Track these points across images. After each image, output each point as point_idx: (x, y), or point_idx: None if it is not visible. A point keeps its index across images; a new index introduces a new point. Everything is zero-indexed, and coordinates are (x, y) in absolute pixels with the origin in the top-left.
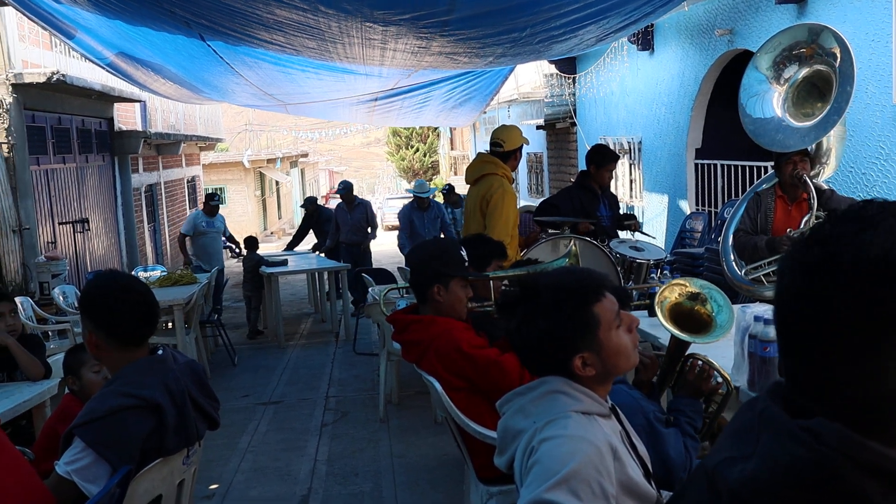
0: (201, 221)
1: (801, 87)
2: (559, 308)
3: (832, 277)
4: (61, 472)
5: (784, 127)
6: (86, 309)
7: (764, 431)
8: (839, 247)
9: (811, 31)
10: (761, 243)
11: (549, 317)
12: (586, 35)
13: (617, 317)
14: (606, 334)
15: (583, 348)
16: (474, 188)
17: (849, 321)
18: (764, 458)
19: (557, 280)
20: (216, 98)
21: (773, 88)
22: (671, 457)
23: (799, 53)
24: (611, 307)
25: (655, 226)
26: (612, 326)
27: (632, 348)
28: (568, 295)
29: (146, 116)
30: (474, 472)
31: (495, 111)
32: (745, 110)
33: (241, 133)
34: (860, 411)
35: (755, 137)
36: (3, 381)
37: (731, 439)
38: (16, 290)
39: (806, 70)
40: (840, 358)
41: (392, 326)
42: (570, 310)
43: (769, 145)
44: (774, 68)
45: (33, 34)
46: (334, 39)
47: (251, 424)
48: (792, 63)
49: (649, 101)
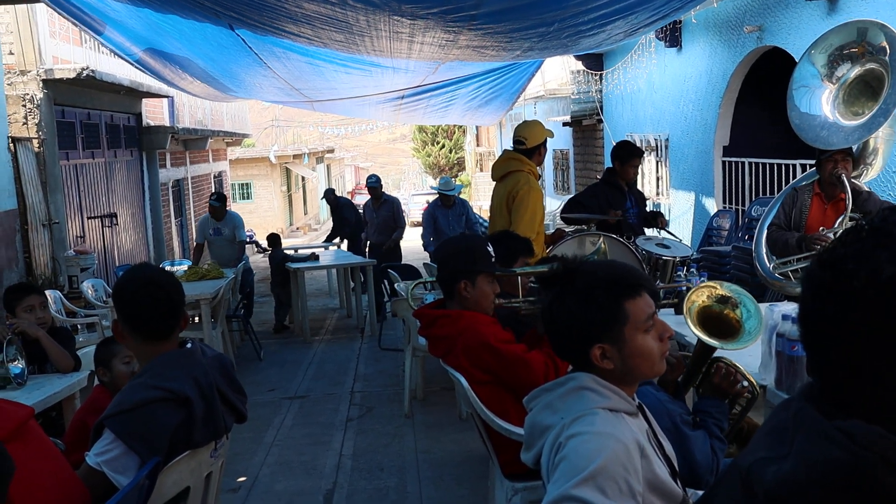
0: (209, 229)
1: (854, 85)
2: (591, 294)
3: (845, 300)
4: (92, 463)
5: (829, 124)
6: (114, 299)
7: (799, 432)
8: (852, 266)
9: (860, 30)
10: (792, 240)
11: (579, 300)
12: (614, 30)
13: (649, 319)
14: (632, 333)
15: (605, 339)
16: (500, 185)
17: (867, 339)
18: (800, 459)
19: (598, 268)
20: (243, 95)
21: (824, 85)
22: (697, 460)
23: (850, 53)
24: (645, 308)
25: (682, 223)
26: (641, 328)
27: (658, 356)
28: (603, 283)
29: (174, 112)
30: (499, 468)
31: (521, 108)
32: (794, 102)
33: (267, 129)
34: (892, 414)
35: (799, 132)
36: (34, 373)
37: (765, 439)
38: (45, 283)
39: (858, 69)
40: (861, 371)
41: (418, 321)
42: (601, 298)
43: (812, 141)
44: (828, 66)
45: (63, 30)
46: (362, 33)
47: (277, 418)
48: (844, 62)
49: (676, 98)
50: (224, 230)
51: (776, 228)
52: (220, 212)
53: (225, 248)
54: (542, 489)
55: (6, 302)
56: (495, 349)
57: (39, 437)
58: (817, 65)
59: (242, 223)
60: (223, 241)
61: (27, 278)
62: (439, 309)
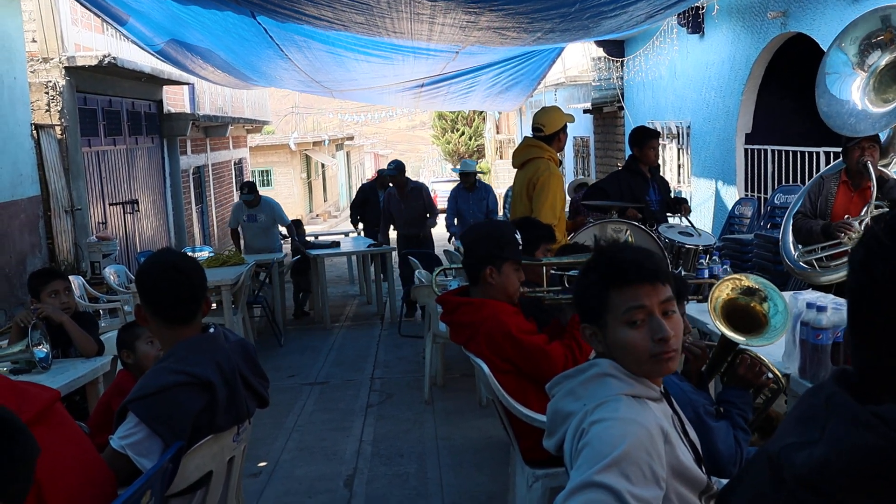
0: (242, 215)
1: (885, 72)
2: (586, 274)
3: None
4: (116, 446)
5: (858, 112)
6: (136, 283)
7: (832, 417)
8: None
9: (882, 18)
10: (817, 227)
11: (580, 277)
12: (636, 11)
13: (630, 312)
14: (613, 324)
15: (591, 321)
16: (521, 172)
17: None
18: (832, 444)
19: (613, 251)
20: (264, 84)
21: (855, 73)
22: (720, 450)
23: (878, 41)
24: (628, 300)
25: (703, 211)
26: (622, 319)
27: (645, 354)
28: (600, 267)
29: (194, 99)
30: (520, 455)
31: (542, 95)
32: (824, 88)
33: (287, 116)
34: None
35: (827, 119)
36: (58, 357)
37: (795, 426)
38: (68, 269)
39: (889, 56)
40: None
41: (440, 308)
42: (591, 280)
43: (840, 128)
44: (859, 54)
45: (85, 18)
46: (383, 14)
47: (297, 404)
48: (874, 50)
49: (698, 85)
50: (259, 216)
51: (802, 217)
52: (254, 202)
53: (259, 234)
54: (564, 476)
55: (31, 287)
56: (516, 339)
57: (65, 420)
58: (849, 53)
59: (280, 207)
60: (258, 227)
61: (50, 264)
62: (463, 296)
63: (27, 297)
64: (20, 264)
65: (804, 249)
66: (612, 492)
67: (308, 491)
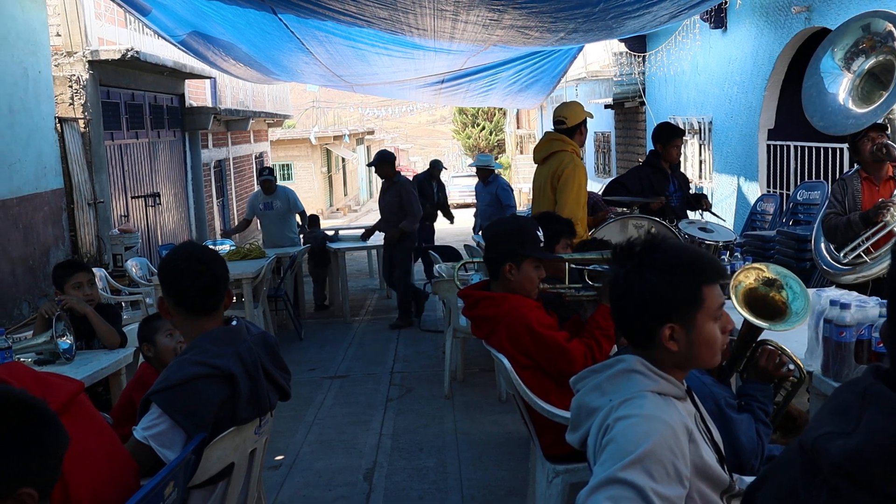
0: (259, 203)
1: (868, 77)
2: (672, 271)
3: None
4: (139, 437)
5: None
6: (159, 275)
7: (869, 408)
8: None
9: (863, 26)
10: (855, 217)
11: (660, 275)
12: (660, 11)
13: (720, 308)
14: (704, 319)
15: (676, 320)
16: (543, 166)
17: None
18: (869, 433)
19: (683, 248)
20: (285, 78)
21: (843, 74)
22: (742, 442)
23: (863, 48)
24: (718, 298)
25: (725, 207)
26: (713, 315)
27: (719, 346)
28: (686, 264)
29: (216, 93)
30: (541, 450)
31: (563, 90)
32: (817, 89)
33: (308, 110)
34: None
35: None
36: (81, 349)
37: (829, 417)
38: (90, 261)
39: (871, 61)
40: None
41: (462, 302)
42: (682, 278)
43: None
44: (844, 60)
45: (109, 12)
46: (406, 9)
47: (318, 397)
48: (859, 56)
49: (721, 81)
50: (276, 203)
51: (833, 215)
52: (271, 187)
53: (275, 222)
54: (584, 471)
55: (55, 278)
56: (537, 333)
57: (89, 411)
58: (836, 59)
59: (296, 195)
60: (274, 215)
61: (73, 256)
62: (483, 290)
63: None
64: (43, 256)
65: (848, 248)
66: (635, 489)
67: (328, 484)
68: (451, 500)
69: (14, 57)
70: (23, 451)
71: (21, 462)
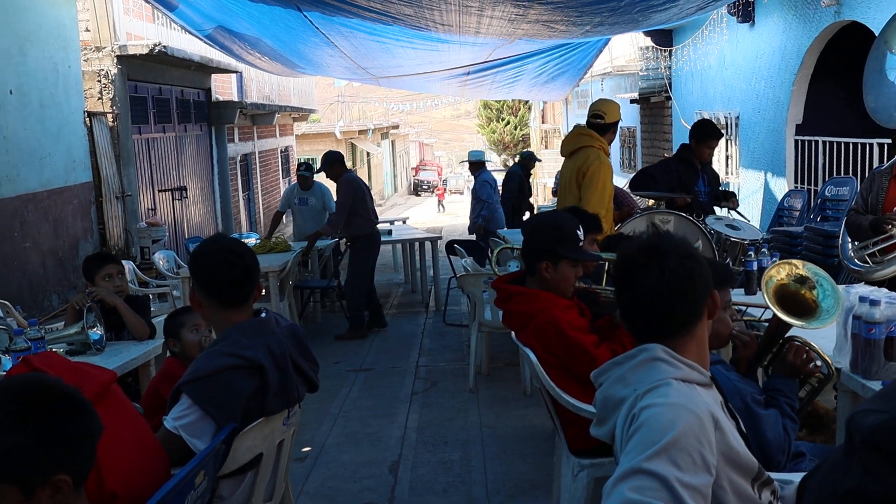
0: (294, 198)
1: None
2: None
3: None
4: (169, 427)
5: None
6: (190, 267)
7: None
8: None
9: None
10: (865, 223)
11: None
12: (686, 3)
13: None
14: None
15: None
16: (570, 161)
17: None
18: None
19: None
20: (310, 72)
21: None
22: (769, 438)
23: None
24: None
25: (751, 203)
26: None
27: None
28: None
29: (242, 87)
30: (566, 444)
31: (588, 84)
32: (879, 78)
33: (333, 104)
34: None
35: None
36: (111, 340)
37: (875, 399)
38: (118, 254)
39: None
40: None
41: (495, 292)
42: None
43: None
44: None
45: (137, 7)
46: (431, 6)
47: (343, 390)
48: None
49: (748, 75)
50: (311, 200)
51: (854, 213)
52: (309, 182)
53: (309, 219)
54: (609, 466)
55: (86, 270)
56: (566, 336)
57: (122, 400)
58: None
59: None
60: (308, 211)
61: (101, 249)
62: (518, 284)
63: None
64: (72, 249)
65: (858, 246)
66: (660, 479)
67: (353, 476)
68: (476, 493)
69: (45, 52)
70: (58, 439)
71: (56, 449)
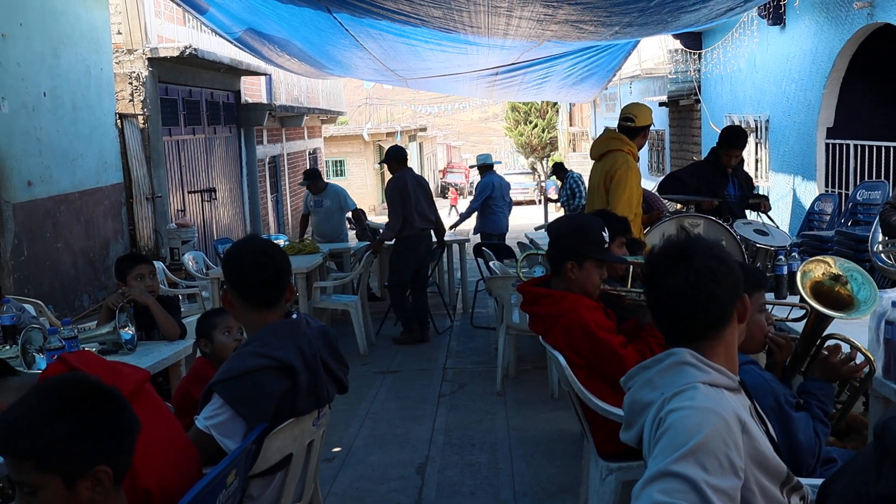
0: (310, 201)
1: None
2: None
3: None
4: (201, 426)
5: None
6: (223, 268)
7: None
8: None
9: None
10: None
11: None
12: (717, 5)
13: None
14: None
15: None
16: (599, 164)
17: None
18: None
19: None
20: (339, 73)
21: None
22: (800, 441)
23: None
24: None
25: (781, 207)
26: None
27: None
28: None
29: (271, 90)
30: (594, 448)
31: (617, 87)
32: None
33: (361, 107)
34: None
35: None
36: (142, 339)
37: None
38: (148, 254)
39: None
40: None
41: (522, 296)
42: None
43: None
44: None
45: (168, 10)
46: (460, 7)
47: (370, 392)
48: None
49: (778, 78)
50: (325, 202)
51: (889, 208)
52: (314, 188)
53: (325, 220)
54: (638, 469)
55: (118, 270)
56: (593, 335)
57: (155, 399)
58: None
59: (346, 193)
60: (324, 212)
61: (132, 250)
62: (544, 287)
63: (110, 281)
64: (103, 249)
65: (886, 240)
66: (688, 482)
67: (381, 477)
68: (504, 496)
69: (78, 55)
70: (100, 431)
71: (98, 441)
